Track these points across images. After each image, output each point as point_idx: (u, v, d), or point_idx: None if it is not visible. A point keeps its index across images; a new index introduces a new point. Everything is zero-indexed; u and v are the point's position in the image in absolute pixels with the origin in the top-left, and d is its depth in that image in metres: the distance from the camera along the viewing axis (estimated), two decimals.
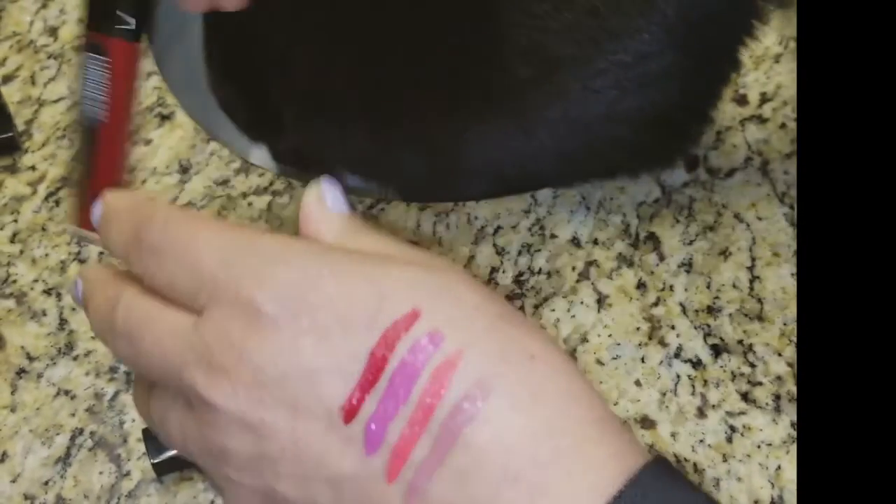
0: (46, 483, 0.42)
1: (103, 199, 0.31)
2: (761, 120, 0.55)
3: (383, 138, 0.51)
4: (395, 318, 0.27)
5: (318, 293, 0.27)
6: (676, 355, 0.46)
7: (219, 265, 0.28)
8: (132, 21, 0.40)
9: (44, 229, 0.50)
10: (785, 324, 0.47)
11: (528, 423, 0.26)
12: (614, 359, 0.46)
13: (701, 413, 0.44)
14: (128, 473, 0.42)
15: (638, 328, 0.47)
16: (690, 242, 0.50)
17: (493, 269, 0.49)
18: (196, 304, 0.28)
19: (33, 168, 0.54)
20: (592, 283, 0.48)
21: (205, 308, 0.28)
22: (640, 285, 0.48)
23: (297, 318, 0.27)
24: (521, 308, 0.47)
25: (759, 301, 0.48)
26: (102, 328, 0.30)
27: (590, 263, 0.49)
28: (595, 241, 0.50)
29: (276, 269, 0.27)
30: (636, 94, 0.47)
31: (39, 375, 0.45)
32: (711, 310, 0.47)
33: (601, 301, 0.48)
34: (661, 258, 0.49)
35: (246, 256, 0.28)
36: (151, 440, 0.41)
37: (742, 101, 0.56)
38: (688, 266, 0.49)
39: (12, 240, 0.50)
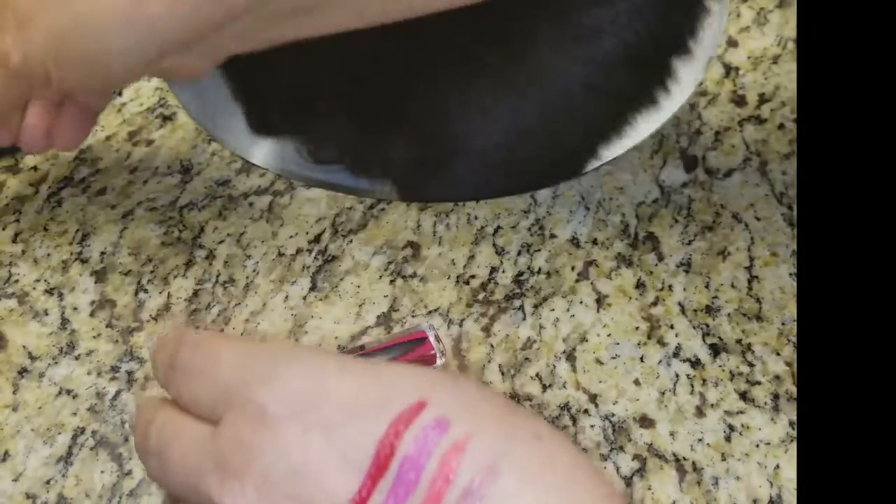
0: (48, 482, 0.42)
1: (157, 336, 0.33)
2: (760, 121, 0.55)
3: (371, 125, 0.51)
4: (402, 407, 0.27)
5: (324, 389, 0.28)
6: (675, 355, 0.46)
7: (233, 375, 0.29)
8: None
9: (46, 229, 0.50)
10: (783, 323, 0.47)
11: (538, 498, 0.26)
12: (613, 358, 0.46)
13: (700, 412, 0.44)
14: (129, 472, 0.42)
15: (637, 328, 0.47)
16: (689, 242, 0.50)
17: (493, 269, 0.49)
18: (216, 415, 0.29)
19: (35, 168, 0.54)
20: (592, 283, 0.49)
21: (222, 417, 0.29)
22: (639, 285, 0.49)
23: (303, 415, 0.27)
24: (521, 308, 0.48)
25: (758, 301, 0.48)
26: (140, 449, 0.31)
27: (589, 263, 0.49)
28: (594, 241, 0.50)
29: (283, 370, 0.29)
30: (608, 36, 0.47)
31: (41, 375, 0.45)
32: (710, 309, 0.48)
33: (600, 301, 0.48)
34: (660, 258, 0.50)
35: (256, 363, 0.29)
36: None
37: (741, 101, 0.56)
38: (686, 266, 0.49)
39: (14, 240, 0.50)
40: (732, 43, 0.59)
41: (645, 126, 0.54)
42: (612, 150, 0.53)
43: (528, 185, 0.53)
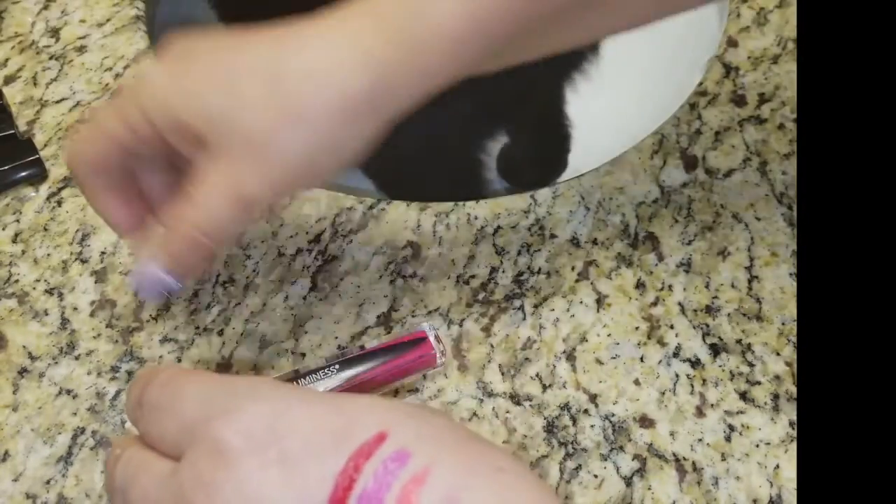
0: (48, 482, 0.42)
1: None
2: (759, 120, 0.55)
3: None
4: (362, 441, 0.27)
5: (285, 423, 0.28)
6: (675, 355, 0.46)
7: (196, 411, 0.29)
8: None
9: (46, 229, 0.50)
10: (783, 323, 0.47)
11: None
12: (613, 358, 0.46)
13: (700, 412, 0.44)
14: None
15: (637, 328, 0.47)
16: (689, 242, 0.50)
17: (493, 269, 0.49)
18: (180, 451, 0.29)
19: None
20: (592, 283, 0.49)
21: (184, 452, 0.29)
22: (639, 285, 0.49)
23: (264, 449, 0.27)
24: (521, 308, 0.48)
25: (758, 301, 0.48)
26: (107, 486, 0.32)
27: (589, 263, 0.49)
28: (594, 241, 0.50)
29: (244, 404, 0.28)
30: None
31: (41, 375, 0.45)
32: (710, 309, 0.48)
33: (600, 301, 0.48)
34: (660, 258, 0.50)
35: (218, 398, 0.29)
36: None
37: (740, 101, 0.56)
38: (686, 266, 0.49)
39: (14, 240, 0.50)
40: (732, 43, 0.59)
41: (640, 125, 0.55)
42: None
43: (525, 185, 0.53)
